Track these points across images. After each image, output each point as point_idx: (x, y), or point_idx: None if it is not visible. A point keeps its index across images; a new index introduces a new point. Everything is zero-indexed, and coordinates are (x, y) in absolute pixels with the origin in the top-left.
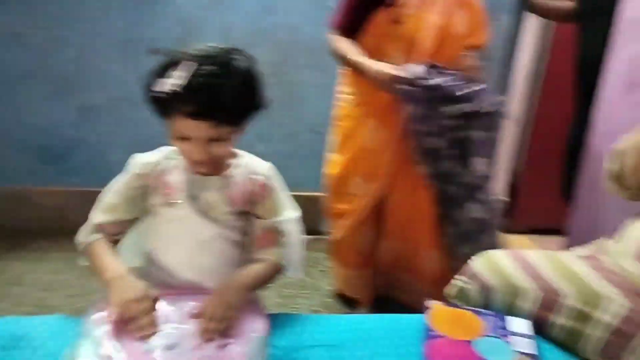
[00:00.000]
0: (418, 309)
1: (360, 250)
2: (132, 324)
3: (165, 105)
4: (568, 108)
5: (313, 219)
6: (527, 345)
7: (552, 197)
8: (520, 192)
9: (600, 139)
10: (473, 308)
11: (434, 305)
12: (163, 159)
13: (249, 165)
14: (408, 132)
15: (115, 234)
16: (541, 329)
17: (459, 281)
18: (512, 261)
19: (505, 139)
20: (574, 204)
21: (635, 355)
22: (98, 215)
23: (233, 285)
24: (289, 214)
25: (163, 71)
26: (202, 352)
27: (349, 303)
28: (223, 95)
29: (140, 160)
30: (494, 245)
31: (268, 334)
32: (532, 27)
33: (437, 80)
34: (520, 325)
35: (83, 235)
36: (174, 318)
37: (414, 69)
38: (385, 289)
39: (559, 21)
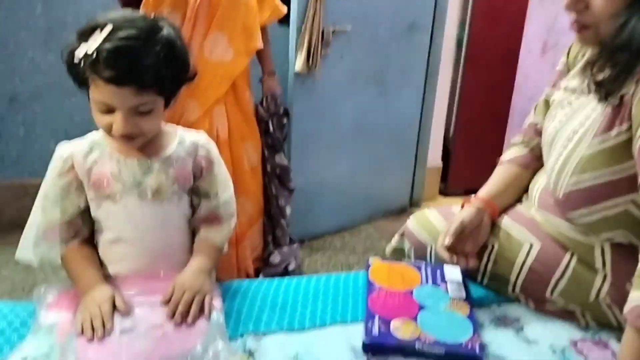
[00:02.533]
0: None
1: None
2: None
3: (84, 73)
4: (492, 74)
5: None
6: (459, 290)
7: (484, 159)
8: (453, 156)
9: (521, 99)
10: (410, 262)
11: (374, 261)
12: (92, 148)
13: (188, 139)
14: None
15: (76, 237)
16: (471, 275)
17: (393, 241)
18: (442, 217)
19: (437, 106)
20: None
21: (557, 290)
22: (45, 223)
23: (193, 271)
24: (227, 190)
25: (80, 38)
26: (159, 332)
27: None
28: (144, 58)
29: (65, 154)
30: None
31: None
32: None
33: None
34: (453, 273)
35: (39, 252)
36: (132, 302)
37: None
38: None
39: None
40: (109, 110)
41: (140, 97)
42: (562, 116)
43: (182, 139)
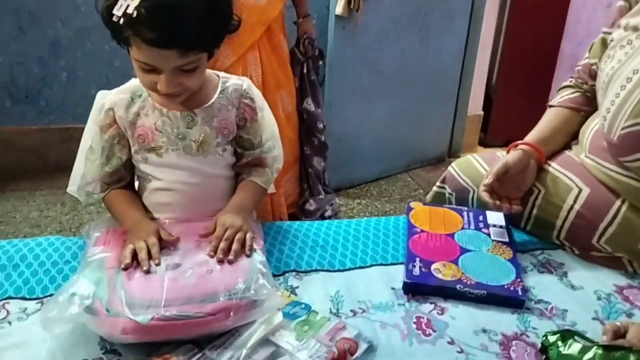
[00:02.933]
0: None
1: None
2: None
3: (124, 31)
4: (539, 18)
5: None
6: (502, 235)
7: (527, 108)
8: (495, 105)
9: (571, 44)
10: (452, 206)
11: (415, 205)
12: (133, 98)
13: (231, 87)
14: None
15: (120, 181)
16: (515, 220)
17: (435, 187)
18: (486, 163)
19: (480, 52)
20: None
21: (605, 236)
22: (92, 173)
23: (234, 208)
24: (273, 135)
25: None
26: (203, 269)
27: None
28: (187, 18)
29: (107, 105)
30: None
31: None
32: None
33: None
34: (496, 218)
35: (84, 196)
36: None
37: None
38: None
39: None
40: (152, 69)
41: (185, 58)
42: (621, 55)
43: (224, 86)
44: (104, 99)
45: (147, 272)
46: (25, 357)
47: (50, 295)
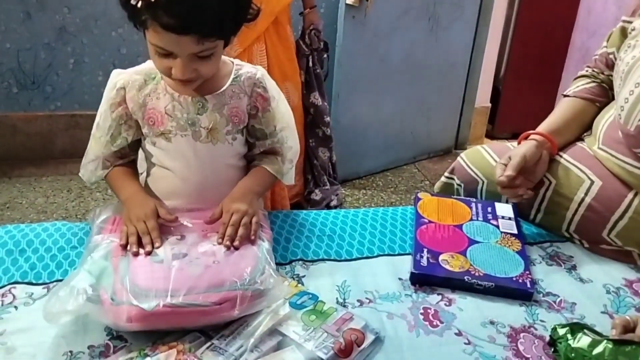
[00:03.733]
0: None
1: None
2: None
3: (141, 15)
4: (550, 9)
5: None
6: (511, 227)
7: (535, 101)
8: (503, 97)
9: (583, 35)
10: (461, 197)
11: (423, 195)
12: (146, 80)
13: (244, 75)
14: None
15: (123, 158)
16: (524, 212)
17: (443, 177)
18: (496, 154)
19: (489, 43)
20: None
21: (616, 230)
22: (95, 150)
23: (240, 192)
24: (288, 124)
25: None
26: (210, 259)
27: None
28: (205, 4)
29: (119, 84)
30: None
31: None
32: None
33: None
34: (504, 209)
35: (88, 173)
36: (183, 230)
37: None
38: None
39: None
40: (168, 54)
41: (202, 45)
42: None
43: (237, 74)
44: (117, 77)
45: (149, 253)
46: (31, 342)
47: (57, 281)
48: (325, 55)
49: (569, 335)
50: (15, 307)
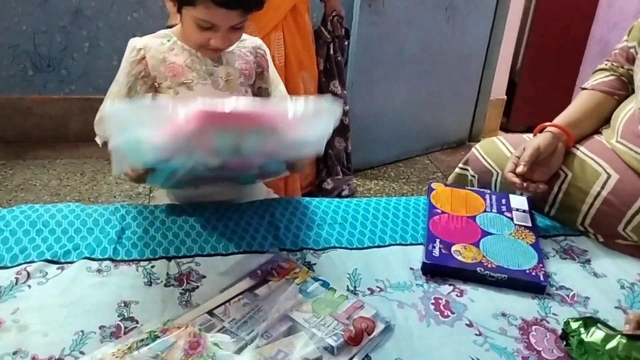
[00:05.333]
0: None
1: None
2: None
3: None
4: (568, 5)
5: None
6: (525, 219)
7: (551, 94)
8: (519, 89)
9: (603, 28)
10: (475, 188)
11: (437, 186)
12: (163, 41)
13: (247, 40)
14: None
15: None
16: (538, 205)
17: (457, 168)
18: (511, 145)
19: (506, 35)
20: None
21: (632, 224)
22: (110, 101)
23: None
24: (283, 88)
25: None
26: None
27: None
28: None
29: (139, 45)
30: None
31: None
32: None
33: None
34: (519, 202)
35: (101, 131)
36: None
37: None
38: None
39: None
40: (209, 28)
41: (243, 17)
42: None
43: (241, 40)
44: (136, 42)
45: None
46: (44, 321)
47: (72, 262)
48: (346, 42)
49: (582, 329)
50: (29, 286)
